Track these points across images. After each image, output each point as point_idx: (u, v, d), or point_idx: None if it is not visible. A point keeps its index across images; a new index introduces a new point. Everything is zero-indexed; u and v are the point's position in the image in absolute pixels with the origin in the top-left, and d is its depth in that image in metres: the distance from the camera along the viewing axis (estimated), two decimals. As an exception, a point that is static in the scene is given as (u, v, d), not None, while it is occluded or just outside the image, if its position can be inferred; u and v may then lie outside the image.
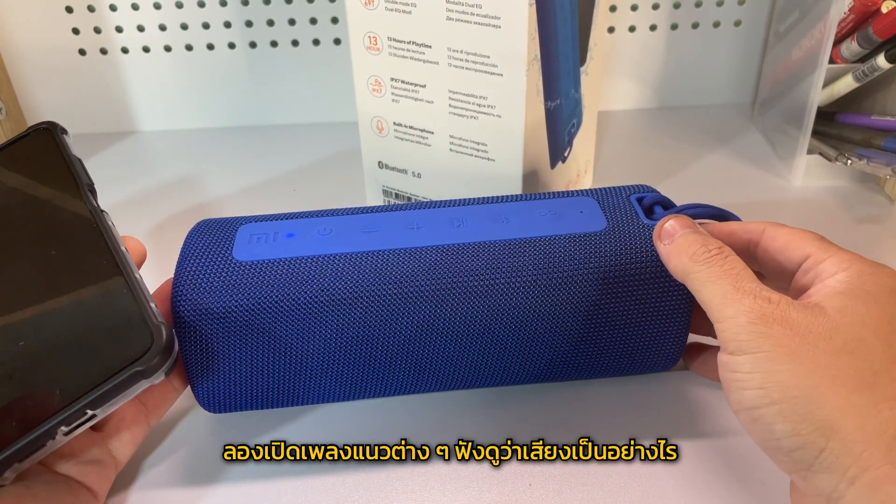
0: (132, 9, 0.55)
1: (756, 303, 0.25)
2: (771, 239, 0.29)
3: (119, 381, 0.25)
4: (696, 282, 0.27)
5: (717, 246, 0.27)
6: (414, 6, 0.37)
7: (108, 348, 0.26)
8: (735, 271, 0.26)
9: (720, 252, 0.27)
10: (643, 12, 0.57)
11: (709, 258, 0.27)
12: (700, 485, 0.31)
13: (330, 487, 0.31)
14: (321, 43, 0.57)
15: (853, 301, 0.25)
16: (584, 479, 0.31)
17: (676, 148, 0.55)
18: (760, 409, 0.24)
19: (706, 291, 0.26)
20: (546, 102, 0.39)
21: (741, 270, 0.26)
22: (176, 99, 0.59)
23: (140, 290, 0.27)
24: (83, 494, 0.28)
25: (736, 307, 0.25)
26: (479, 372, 0.32)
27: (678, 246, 0.28)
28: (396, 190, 0.45)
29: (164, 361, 0.26)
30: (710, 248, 0.27)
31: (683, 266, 0.27)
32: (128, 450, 0.30)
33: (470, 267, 0.30)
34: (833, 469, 0.23)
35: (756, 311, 0.25)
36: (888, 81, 0.48)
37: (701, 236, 0.28)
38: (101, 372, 0.25)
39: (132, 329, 0.26)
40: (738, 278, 0.26)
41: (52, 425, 0.24)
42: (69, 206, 0.28)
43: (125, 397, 0.26)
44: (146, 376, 0.25)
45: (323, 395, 0.32)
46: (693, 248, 0.27)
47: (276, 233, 0.32)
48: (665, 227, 0.29)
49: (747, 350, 0.24)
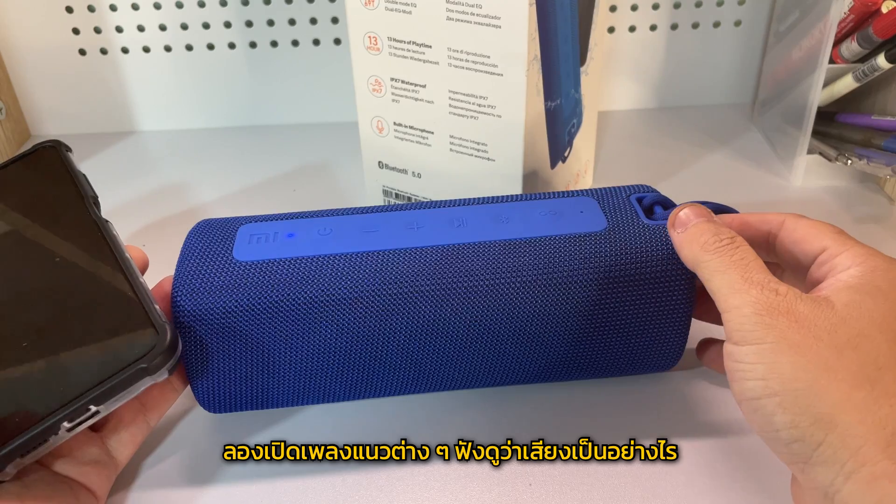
0: (132, 9, 0.55)
1: (763, 294, 0.25)
2: (790, 231, 0.29)
3: (123, 377, 0.25)
4: (705, 271, 0.27)
5: (729, 235, 0.27)
6: (414, 6, 0.37)
7: (113, 347, 0.26)
8: (745, 262, 0.26)
9: (731, 242, 0.27)
10: (643, 12, 0.57)
11: (719, 248, 0.27)
12: (700, 485, 0.31)
13: (330, 487, 0.31)
14: (321, 43, 0.57)
15: (862, 296, 0.25)
16: (584, 479, 0.31)
17: (676, 148, 0.55)
18: (761, 399, 0.24)
19: (715, 280, 0.26)
20: (546, 102, 0.39)
21: (751, 261, 0.26)
22: (176, 99, 0.59)
23: (143, 292, 0.28)
24: (84, 495, 0.28)
25: (742, 297, 0.25)
26: (480, 372, 0.32)
27: (690, 234, 0.28)
28: (396, 190, 0.45)
29: (167, 359, 0.26)
30: (721, 238, 0.27)
31: (694, 254, 0.27)
32: (128, 450, 0.30)
33: (470, 267, 0.30)
34: (831, 463, 0.23)
35: (762, 302, 0.25)
36: (888, 81, 0.48)
37: (713, 225, 0.28)
38: (106, 369, 0.26)
39: (136, 328, 0.27)
40: (747, 269, 0.26)
41: (55, 420, 0.25)
42: (75, 216, 0.29)
43: (129, 394, 0.26)
44: (150, 373, 0.26)
45: (323, 395, 0.32)
46: (705, 237, 0.27)
47: (277, 233, 0.32)
48: (679, 216, 0.29)
49: (751, 340, 0.24)
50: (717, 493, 0.30)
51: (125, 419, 0.30)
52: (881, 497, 0.22)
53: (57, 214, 0.30)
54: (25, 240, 0.30)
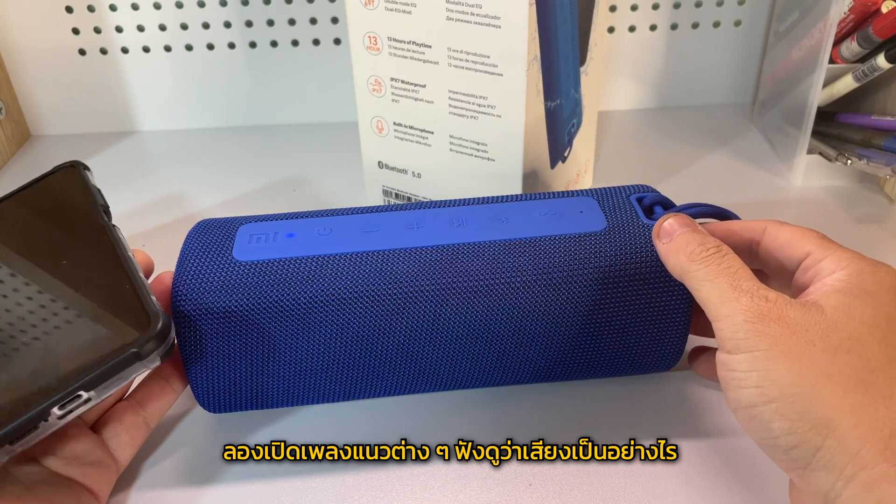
0: (132, 9, 0.55)
1: (753, 301, 0.25)
2: (772, 237, 0.29)
3: (114, 362, 0.25)
4: (693, 280, 0.27)
5: (714, 244, 0.27)
6: (414, 6, 0.37)
7: (104, 333, 0.26)
8: (732, 270, 0.26)
9: (718, 251, 0.27)
10: (643, 12, 0.57)
11: (706, 257, 0.27)
12: (700, 485, 0.31)
13: (330, 487, 0.31)
14: (321, 43, 0.57)
15: (851, 299, 0.25)
16: (584, 479, 0.31)
17: (676, 148, 0.55)
18: (757, 407, 0.24)
19: (704, 290, 0.26)
20: (546, 102, 0.39)
21: (739, 269, 0.26)
22: (176, 99, 0.59)
23: (140, 283, 0.28)
24: (84, 496, 0.28)
25: (733, 305, 0.25)
26: (479, 372, 0.32)
27: (676, 244, 0.28)
28: (396, 190, 0.45)
29: (159, 345, 0.26)
30: (707, 247, 0.27)
31: (681, 265, 0.27)
32: (128, 451, 0.30)
33: (470, 267, 0.30)
34: (830, 467, 0.23)
35: (753, 309, 0.24)
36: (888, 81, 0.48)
37: (699, 235, 0.28)
38: (96, 355, 0.26)
39: (129, 315, 0.27)
40: (735, 277, 0.26)
41: (45, 406, 0.25)
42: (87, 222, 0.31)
43: (120, 381, 0.26)
44: (141, 358, 0.26)
45: (323, 394, 0.32)
46: (691, 247, 0.27)
47: (277, 233, 0.32)
48: (664, 226, 0.29)
49: (744, 349, 0.24)
50: (716, 494, 0.30)
51: (125, 421, 0.30)
52: (881, 500, 0.22)
53: (71, 221, 0.32)
54: (38, 238, 0.31)
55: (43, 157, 0.57)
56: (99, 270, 0.29)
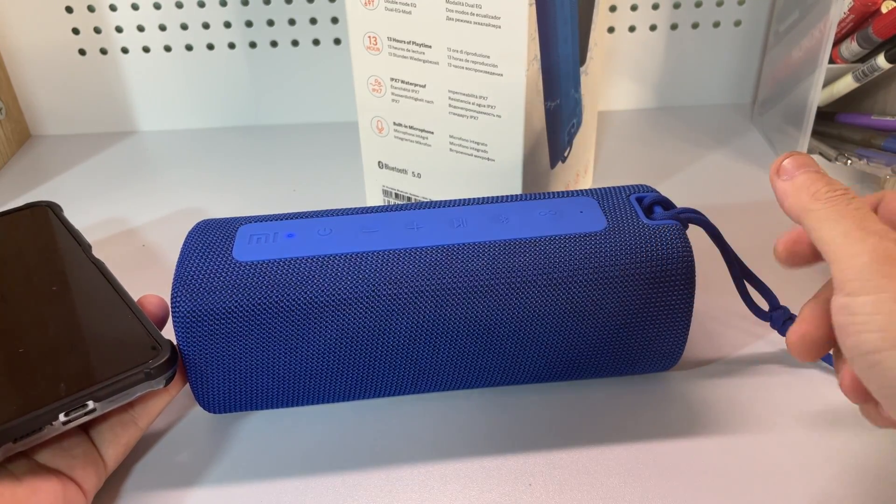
0: (132, 9, 0.55)
1: (882, 243, 0.23)
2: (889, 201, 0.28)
3: (124, 378, 0.28)
4: (814, 220, 0.25)
5: (842, 187, 0.26)
6: (414, 6, 0.37)
7: (117, 354, 0.29)
8: (861, 213, 0.25)
9: (846, 193, 0.26)
10: (643, 12, 0.57)
11: (832, 197, 0.26)
12: (700, 485, 0.31)
13: (330, 487, 0.31)
14: (321, 43, 0.57)
15: None
16: (584, 479, 0.31)
17: (676, 148, 0.55)
18: (882, 352, 0.22)
19: (825, 229, 0.25)
20: (546, 102, 0.39)
21: (867, 213, 0.25)
22: (176, 99, 0.59)
23: (141, 315, 0.31)
24: (70, 487, 0.28)
25: (859, 246, 0.24)
26: (480, 372, 0.32)
27: (800, 182, 0.27)
28: (396, 190, 0.45)
29: (167, 369, 0.29)
30: (835, 188, 0.26)
31: (802, 203, 0.26)
32: (114, 449, 0.30)
33: (470, 267, 0.30)
34: None
35: (881, 250, 0.23)
36: (888, 81, 0.48)
37: (825, 176, 0.27)
38: (108, 371, 0.28)
39: (139, 342, 0.30)
40: (863, 219, 0.24)
41: (52, 409, 0.27)
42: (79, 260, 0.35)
43: (125, 396, 0.28)
44: (150, 379, 0.28)
45: (323, 395, 0.32)
46: (816, 187, 0.26)
47: (276, 233, 0.32)
48: (784, 164, 0.28)
49: (870, 290, 0.23)
50: (717, 493, 0.30)
51: (110, 417, 0.31)
52: None
53: (67, 258, 0.36)
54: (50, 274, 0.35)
55: (43, 157, 0.57)
56: (104, 302, 0.32)
